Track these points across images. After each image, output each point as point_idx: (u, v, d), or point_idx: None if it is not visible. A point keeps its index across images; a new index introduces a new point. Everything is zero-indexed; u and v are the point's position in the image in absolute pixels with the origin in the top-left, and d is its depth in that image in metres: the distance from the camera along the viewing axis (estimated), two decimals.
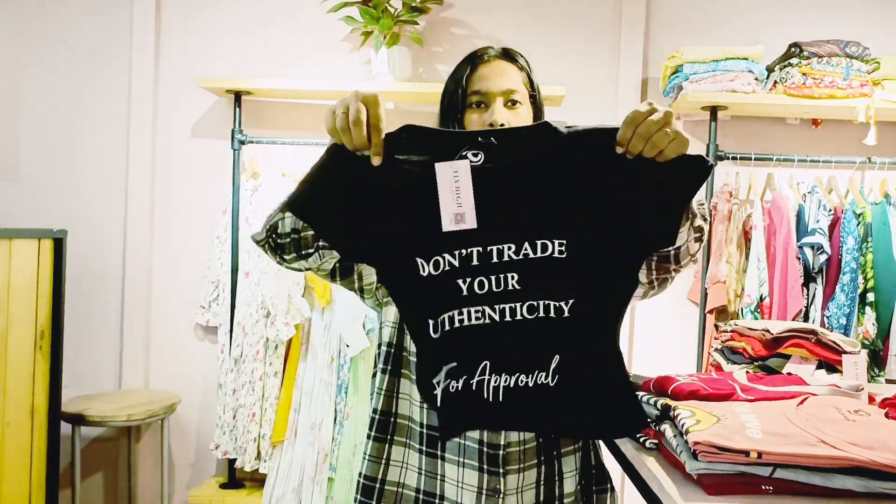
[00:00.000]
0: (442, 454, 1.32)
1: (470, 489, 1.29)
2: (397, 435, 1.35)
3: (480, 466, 1.29)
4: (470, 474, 1.29)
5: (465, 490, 1.30)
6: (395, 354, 1.35)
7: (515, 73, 1.40)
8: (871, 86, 2.74)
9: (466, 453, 1.30)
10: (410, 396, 1.34)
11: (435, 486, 1.32)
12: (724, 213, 2.83)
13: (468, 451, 1.30)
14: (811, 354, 1.55)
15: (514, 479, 1.30)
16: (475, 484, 1.29)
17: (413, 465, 1.34)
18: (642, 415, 1.12)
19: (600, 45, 3.09)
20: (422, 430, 1.33)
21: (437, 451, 1.32)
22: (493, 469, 1.29)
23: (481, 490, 1.29)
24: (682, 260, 1.24)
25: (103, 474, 3.21)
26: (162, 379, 3.17)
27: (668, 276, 1.31)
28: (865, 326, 2.67)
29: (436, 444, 1.32)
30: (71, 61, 3.16)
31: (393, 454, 1.35)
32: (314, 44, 3.11)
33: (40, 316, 2.64)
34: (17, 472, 2.56)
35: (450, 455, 1.31)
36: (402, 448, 1.35)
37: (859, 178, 2.95)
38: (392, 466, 1.35)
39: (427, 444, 1.32)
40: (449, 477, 1.31)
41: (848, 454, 0.88)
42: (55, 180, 3.16)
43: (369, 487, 1.35)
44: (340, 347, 2.84)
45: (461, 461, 1.30)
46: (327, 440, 2.80)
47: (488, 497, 1.28)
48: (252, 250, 2.87)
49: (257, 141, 2.99)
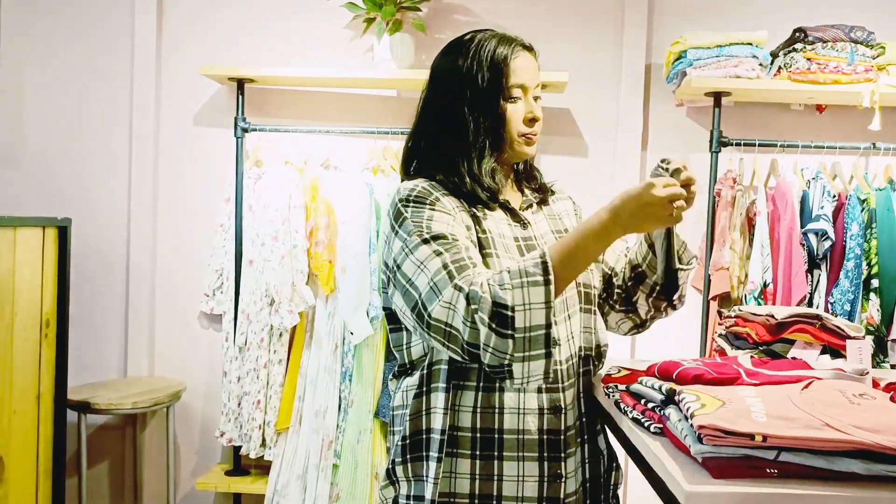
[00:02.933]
0: (498, 454, 1.30)
1: (532, 480, 1.30)
2: (459, 447, 1.31)
3: (541, 455, 1.31)
4: (530, 466, 1.30)
5: (526, 483, 1.30)
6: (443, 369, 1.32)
7: (537, 67, 1.45)
8: (875, 71, 2.72)
9: (525, 446, 1.31)
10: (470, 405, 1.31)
11: (492, 488, 1.30)
12: (728, 199, 2.83)
13: (527, 445, 1.31)
14: (816, 339, 1.54)
15: (571, 462, 1.35)
16: (536, 474, 1.30)
17: (465, 473, 1.31)
18: None
19: (603, 31, 3.08)
20: (475, 436, 1.30)
21: (493, 451, 1.30)
22: (553, 455, 1.31)
23: (543, 478, 1.30)
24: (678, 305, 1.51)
25: (109, 462, 3.23)
26: (167, 367, 3.18)
27: (660, 317, 1.51)
28: (870, 312, 2.67)
29: (493, 445, 1.30)
30: (74, 50, 3.15)
31: (449, 466, 1.31)
32: (317, 31, 3.10)
33: (45, 304, 2.65)
34: (24, 459, 2.58)
35: (508, 452, 1.30)
36: (451, 458, 1.31)
37: (864, 163, 2.93)
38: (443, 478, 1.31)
39: (482, 448, 1.30)
40: (507, 474, 1.30)
41: (852, 437, 0.88)
42: (59, 169, 3.16)
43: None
44: (344, 335, 2.84)
45: (520, 455, 1.30)
46: (332, 427, 2.81)
47: (549, 483, 1.31)
48: (255, 238, 2.87)
49: (260, 129, 2.99)
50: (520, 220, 1.44)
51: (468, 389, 1.30)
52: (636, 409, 1.16)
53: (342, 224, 2.85)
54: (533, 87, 1.41)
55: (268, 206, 2.86)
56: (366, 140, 3.04)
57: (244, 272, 2.91)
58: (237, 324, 2.91)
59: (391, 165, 2.94)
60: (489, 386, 1.30)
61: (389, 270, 1.32)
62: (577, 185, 3.08)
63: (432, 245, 1.25)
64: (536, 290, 1.15)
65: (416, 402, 1.33)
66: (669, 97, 3.05)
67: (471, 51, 1.39)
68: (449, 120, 1.39)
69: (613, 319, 1.54)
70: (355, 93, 3.13)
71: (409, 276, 1.25)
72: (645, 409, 1.13)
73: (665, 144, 3.07)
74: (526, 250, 1.38)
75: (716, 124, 2.85)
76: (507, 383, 1.19)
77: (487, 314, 1.14)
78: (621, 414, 1.19)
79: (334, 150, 3.07)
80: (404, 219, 1.30)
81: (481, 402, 1.30)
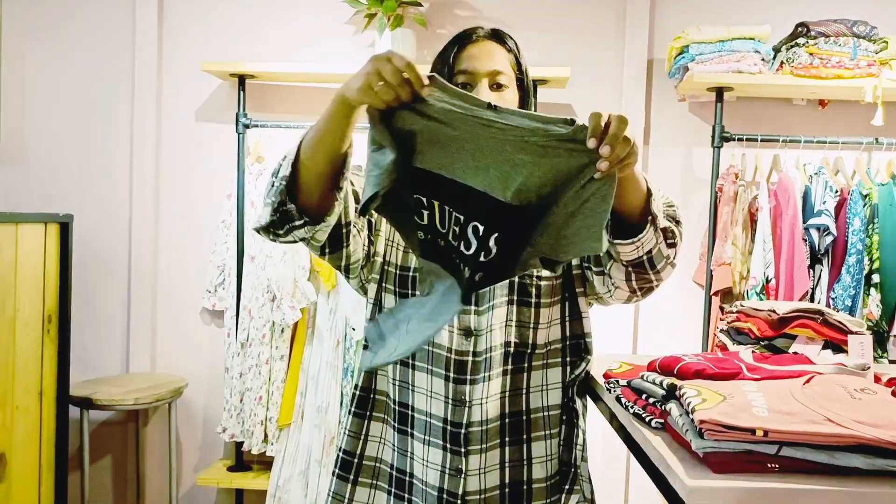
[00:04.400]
0: (411, 431, 1.34)
1: (434, 468, 1.31)
2: (376, 411, 1.37)
3: (444, 445, 1.30)
4: (434, 453, 1.31)
5: (429, 468, 1.31)
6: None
7: (503, 55, 1.36)
8: (878, 66, 2.71)
9: (431, 431, 1.31)
10: (388, 373, 1.36)
11: (406, 464, 1.35)
12: (730, 194, 2.82)
13: (433, 430, 1.31)
14: (817, 334, 1.54)
15: (475, 460, 1.31)
16: (439, 463, 1.31)
17: (389, 442, 1.37)
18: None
19: (605, 26, 3.07)
20: (395, 407, 1.35)
21: (408, 427, 1.34)
22: (455, 448, 1.30)
23: (444, 469, 1.30)
24: (658, 264, 1.21)
25: (112, 458, 3.23)
26: (169, 363, 3.19)
27: (651, 285, 1.27)
28: (870, 308, 2.66)
29: (407, 420, 1.34)
30: (74, 46, 3.15)
31: (371, 430, 1.37)
32: (318, 27, 3.10)
33: (47, 300, 2.65)
34: (27, 455, 2.59)
35: (417, 433, 1.33)
36: (381, 424, 1.37)
37: (866, 159, 2.93)
38: (370, 442, 1.37)
39: (399, 421, 1.35)
40: (417, 455, 1.33)
41: (854, 432, 0.88)
42: (60, 165, 3.16)
43: (348, 462, 1.37)
44: (346, 331, 2.85)
45: (427, 439, 1.32)
46: (333, 423, 2.82)
47: (451, 476, 1.30)
48: (257, 234, 2.87)
49: (262, 125, 2.98)
50: None
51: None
52: (637, 405, 1.15)
53: None
54: (484, 73, 1.32)
55: None
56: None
57: (246, 268, 2.91)
58: (239, 320, 2.91)
59: None
60: (405, 361, 1.35)
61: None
62: None
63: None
64: (289, 158, 1.32)
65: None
66: (672, 92, 3.04)
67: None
68: None
69: (601, 287, 1.34)
70: None
71: None
72: (646, 405, 1.13)
73: (667, 139, 3.07)
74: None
75: (718, 119, 2.84)
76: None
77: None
78: (622, 409, 1.19)
79: None
80: None
81: (400, 375, 1.35)
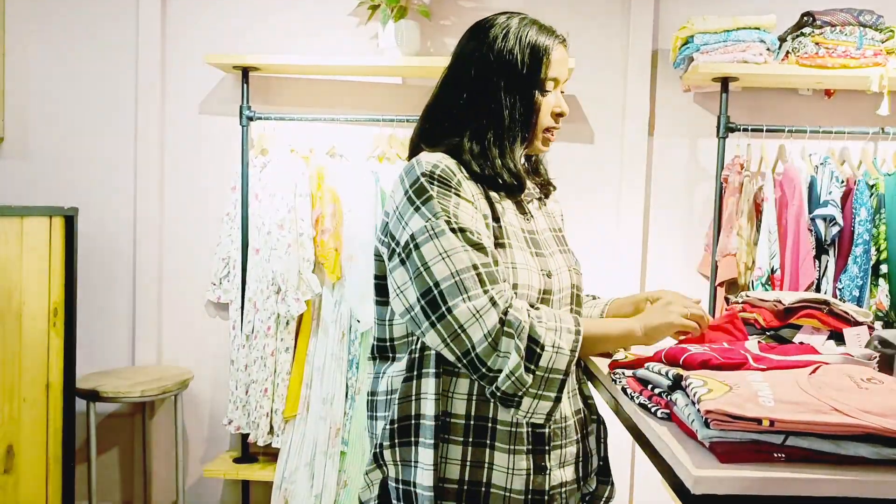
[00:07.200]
0: (491, 443, 1.30)
1: (520, 473, 1.30)
2: (452, 433, 1.30)
3: (528, 449, 1.30)
4: (520, 460, 1.30)
5: (515, 475, 1.30)
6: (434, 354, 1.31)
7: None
8: (884, 55, 2.69)
9: (517, 440, 1.30)
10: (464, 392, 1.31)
11: (482, 475, 1.30)
12: (735, 185, 2.81)
13: (518, 438, 1.30)
14: (823, 325, 1.54)
15: (556, 454, 1.34)
16: (524, 467, 1.30)
17: (455, 459, 1.31)
18: None
19: (610, 16, 3.06)
20: (467, 422, 1.29)
21: (486, 439, 1.30)
22: (538, 448, 1.31)
23: (530, 472, 1.30)
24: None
25: (118, 449, 3.25)
26: (175, 355, 3.20)
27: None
28: (879, 298, 2.65)
29: (485, 433, 1.30)
30: (78, 39, 3.15)
31: (473, 453, 1.31)
32: (321, 19, 3.09)
33: (53, 293, 2.66)
34: (34, 447, 2.60)
35: (500, 444, 1.30)
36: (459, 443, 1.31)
37: (872, 148, 2.91)
38: (473, 467, 1.31)
39: (475, 435, 1.30)
40: (498, 465, 1.29)
41: (860, 422, 0.88)
42: (65, 158, 3.17)
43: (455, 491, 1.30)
44: (351, 323, 2.85)
45: (512, 448, 1.30)
46: (339, 415, 2.82)
47: (535, 475, 1.31)
48: (261, 226, 2.88)
49: (265, 117, 2.98)
50: (524, 211, 1.44)
51: (462, 377, 1.29)
52: (643, 395, 1.15)
53: (348, 212, 2.85)
54: (563, 83, 1.41)
55: (274, 194, 2.86)
56: (371, 128, 3.03)
57: (251, 261, 2.92)
58: (244, 312, 2.92)
59: (397, 153, 2.93)
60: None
61: (398, 244, 1.28)
62: (583, 172, 3.08)
63: (458, 236, 1.23)
64: (567, 338, 1.24)
65: (405, 387, 1.31)
66: (676, 82, 3.03)
67: (510, 35, 1.35)
68: (481, 102, 1.35)
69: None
70: (360, 80, 3.12)
71: (426, 261, 1.23)
72: (652, 395, 1.13)
73: (672, 130, 3.06)
74: (531, 244, 1.38)
75: (723, 110, 2.83)
76: (513, 411, 1.22)
77: (524, 345, 1.20)
78: (628, 399, 1.19)
79: (339, 138, 3.06)
80: (429, 197, 1.26)
81: (477, 390, 1.29)
